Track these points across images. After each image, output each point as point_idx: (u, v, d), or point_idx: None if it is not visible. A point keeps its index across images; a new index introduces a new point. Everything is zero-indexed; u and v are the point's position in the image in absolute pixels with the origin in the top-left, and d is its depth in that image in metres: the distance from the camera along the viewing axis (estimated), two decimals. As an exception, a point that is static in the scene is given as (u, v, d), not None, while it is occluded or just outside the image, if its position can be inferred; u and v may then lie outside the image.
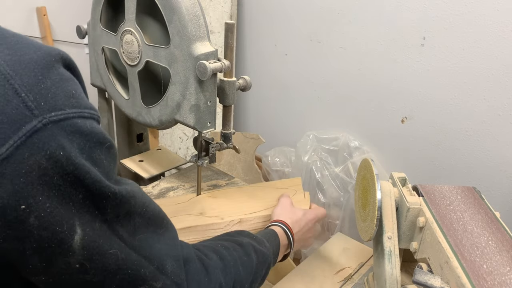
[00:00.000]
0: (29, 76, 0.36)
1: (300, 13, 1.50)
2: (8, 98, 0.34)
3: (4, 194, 0.34)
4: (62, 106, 0.37)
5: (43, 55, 0.38)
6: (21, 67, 0.36)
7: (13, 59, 0.36)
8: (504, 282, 0.59)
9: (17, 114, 0.34)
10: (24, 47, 0.37)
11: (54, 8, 1.79)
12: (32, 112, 0.35)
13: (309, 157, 1.47)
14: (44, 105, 0.36)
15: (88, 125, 0.39)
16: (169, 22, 0.81)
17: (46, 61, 0.38)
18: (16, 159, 0.34)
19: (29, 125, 0.35)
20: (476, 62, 1.12)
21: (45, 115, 0.36)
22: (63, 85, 0.38)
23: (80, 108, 0.39)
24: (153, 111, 0.92)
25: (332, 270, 0.94)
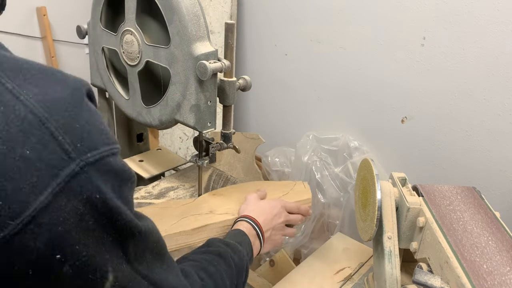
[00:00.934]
0: (64, 117, 0.33)
1: (300, 13, 1.50)
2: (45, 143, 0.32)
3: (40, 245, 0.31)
4: (96, 145, 0.35)
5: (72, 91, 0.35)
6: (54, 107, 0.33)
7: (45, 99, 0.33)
8: (504, 282, 0.59)
9: (55, 159, 0.32)
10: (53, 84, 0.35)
11: (54, 8, 1.79)
12: (69, 156, 0.33)
13: (309, 157, 1.47)
14: (80, 146, 0.34)
15: (118, 162, 0.38)
16: (169, 22, 0.81)
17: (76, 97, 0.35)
18: (55, 207, 0.32)
19: (67, 170, 0.33)
20: (476, 62, 1.12)
21: (82, 157, 0.34)
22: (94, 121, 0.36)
23: (110, 145, 0.37)
24: (153, 111, 0.92)
25: (332, 270, 0.94)
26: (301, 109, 1.63)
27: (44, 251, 0.32)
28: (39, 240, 0.31)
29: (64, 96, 0.34)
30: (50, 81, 0.35)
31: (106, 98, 1.11)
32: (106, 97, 1.11)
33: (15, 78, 0.33)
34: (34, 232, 0.31)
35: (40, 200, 0.31)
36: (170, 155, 1.21)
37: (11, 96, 0.32)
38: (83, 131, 0.34)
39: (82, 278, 0.35)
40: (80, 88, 0.36)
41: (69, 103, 0.34)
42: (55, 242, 0.32)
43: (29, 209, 0.31)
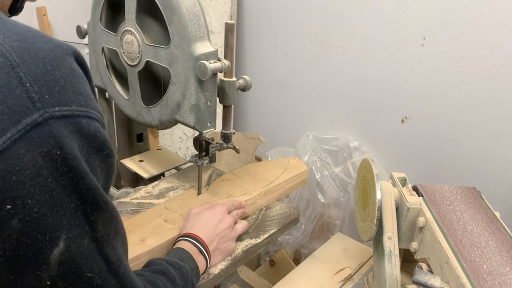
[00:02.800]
0: (37, 66, 0.33)
1: (300, 13, 1.50)
2: (11, 87, 0.31)
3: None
4: (68, 102, 0.34)
5: (54, 47, 0.35)
6: (30, 56, 0.33)
7: (21, 46, 0.33)
8: (504, 282, 0.59)
9: (19, 105, 0.32)
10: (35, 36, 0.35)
11: (54, 8, 1.79)
12: (34, 105, 0.32)
13: (309, 157, 1.47)
14: (48, 98, 0.33)
15: (92, 127, 0.36)
16: (169, 22, 0.81)
17: (57, 52, 0.35)
18: (12, 154, 0.31)
19: (29, 118, 0.32)
20: (476, 62, 1.12)
21: (47, 109, 0.33)
22: (73, 80, 0.35)
23: (88, 108, 0.36)
24: (153, 111, 0.92)
25: (332, 270, 0.94)
26: (301, 109, 1.63)
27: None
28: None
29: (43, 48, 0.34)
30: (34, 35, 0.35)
31: (106, 98, 1.11)
32: (106, 97, 1.11)
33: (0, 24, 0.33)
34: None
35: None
36: (170, 155, 1.21)
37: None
38: (56, 85, 0.34)
39: (29, 237, 0.33)
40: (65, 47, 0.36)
41: (47, 55, 0.34)
42: (7, 191, 0.31)
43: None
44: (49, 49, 0.35)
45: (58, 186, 0.34)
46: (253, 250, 0.85)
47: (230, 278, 1.35)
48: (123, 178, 1.19)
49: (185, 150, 1.85)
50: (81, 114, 0.35)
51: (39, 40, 0.35)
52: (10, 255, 0.33)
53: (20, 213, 0.32)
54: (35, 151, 0.32)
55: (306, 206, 1.50)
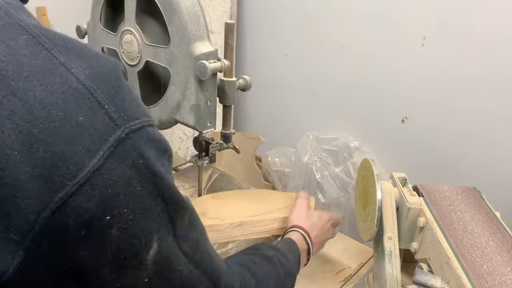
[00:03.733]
0: (108, 88, 0.37)
1: (300, 13, 1.50)
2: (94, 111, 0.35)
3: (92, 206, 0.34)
4: (137, 115, 0.38)
5: (113, 67, 0.39)
6: (101, 80, 0.37)
7: (91, 72, 0.36)
8: (504, 282, 0.59)
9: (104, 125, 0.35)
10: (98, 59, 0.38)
11: (54, 8, 1.79)
12: (115, 123, 0.36)
13: (309, 158, 1.47)
14: (123, 115, 0.37)
15: (157, 133, 0.40)
16: (169, 22, 0.81)
17: (117, 72, 0.39)
18: (106, 169, 0.34)
19: (114, 136, 0.35)
20: (476, 62, 1.11)
21: (126, 125, 0.36)
22: (132, 95, 0.39)
23: (148, 117, 0.40)
24: (153, 111, 0.92)
25: (332, 270, 0.94)
26: (301, 109, 1.63)
27: (95, 212, 0.34)
28: (92, 201, 0.34)
29: (107, 70, 0.38)
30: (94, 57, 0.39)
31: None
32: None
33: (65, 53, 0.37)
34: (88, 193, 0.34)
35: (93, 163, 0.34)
36: (170, 155, 1.20)
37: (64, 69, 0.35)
38: (125, 102, 0.38)
39: (127, 242, 0.37)
40: (119, 65, 0.40)
41: (112, 76, 0.38)
42: (106, 203, 0.35)
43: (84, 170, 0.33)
44: (111, 70, 0.38)
45: (146, 193, 0.37)
46: (253, 250, 0.84)
47: (230, 278, 1.35)
48: (123, 178, 1.19)
49: (185, 150, 1.85)
50: (147, 124, 0.39)
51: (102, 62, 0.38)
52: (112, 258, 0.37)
53: (118, 222, 0.36)
54: (123, 164, 0.36)
55: (306, 206, 1.49)
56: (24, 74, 0.34)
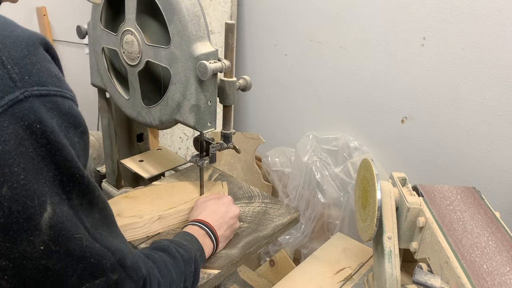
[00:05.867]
0: (16, 51, 0.37)
1: (300, 13, 1.51)
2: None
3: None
4: (45, 82, 0.39)
5: (30, 35, 0.39)
6: (9, 41, 0.37)
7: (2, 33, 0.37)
8: (504, 282, 0.59)
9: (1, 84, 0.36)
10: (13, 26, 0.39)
11: (54, 8, 1.79)
12: (15, 84, 0.36)
13: (309, 157, 1.47)
14: (28, 78, 0.37)
15: (67, 105, 0.41)
16: (170, 22, 0.81)
17: (32, 40, 0.39)
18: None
19: (11, 95, 0.36)
20: (476, 62, 1.12)
21: (27, 88, 0.37)
22: (47, 64, 0.40)
23: (62, 88, 0.40)
24: (153, 111, 0.92)
25: (332, 270, 0.94)
26: (301, 109, 1.63)
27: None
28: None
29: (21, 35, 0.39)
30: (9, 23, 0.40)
31: (106, 98, 1.11)
32: (106, 97, 1.11)
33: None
34: None
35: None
36: (170, 155, 1.21)
37: None
38: (33, 67, 0.38)
39: (19, 203, 0.36)
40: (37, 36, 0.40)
41: (24, 42, 0.39)
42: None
43: None
44: (26, 37, 0.39)
45: (38, 156, 0.37)
46: (253, 250, 0.85)
47: (230, 278, 1.36)
48: (123, 178, 1.19)
49: (185, 150, 1.85)
50: (57, 94, 0.40)
51: (17, 29, 0.39)
52: (4, 222, 0.36)
53: (9, 181, 0.36)
54: (17, 124, 0.36)
55: (306, 206, 1.50)
56: None
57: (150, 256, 0.60)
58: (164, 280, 0.58)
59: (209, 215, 0.80)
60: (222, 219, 0.80)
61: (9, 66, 0.36)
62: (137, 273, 0.50)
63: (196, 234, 0.74)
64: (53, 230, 0.39)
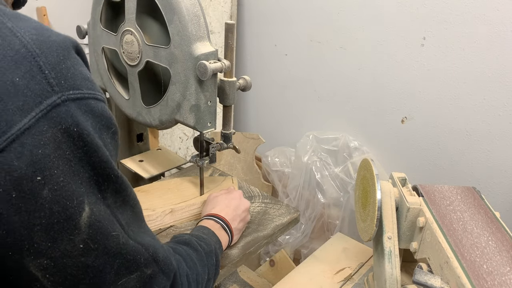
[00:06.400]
0: (53, 56, 0.38)
1: (300, 13, 1.51)
2: (33, 74, 0.37)
3: (22, 165, 0.35)
4: (79, 86, 0.40)
5: (63, 39, 0.40)
6: (46, 47, 0.38)
7: (39, 39, 0.38)
8: (504, 282, 0.59)
9: (40, 89, 0.37)
10: (48, 30, 0.40)
11: (54, 8, 1.79)
12: (53, 89, 0.37)
13: (309, 158, 1.47)
14: (64, 83, 0.38)
15: (100, 107, 0.42)
16: (170, 22, 0.81)
17: (66, 44, 0.40)
18: (37, 130, 0.36)
19: (49, 100, 0.37)
20: (476, 62, 1.12)
21: (64, 92, 0.38)
22: (80, 68, 0.41)
23: (94, 91, 0.42)
24: (153, 111, 0.92)
25: (332, 270, 0.94)
26: (301, 109, 1.63)
27: (26, 171, 0.36)
28: (22, 160, 0.35)
29: (56, 40, 0.40)
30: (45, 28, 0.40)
31: (106, 98, 1.11)
32: (106, 97, 1.11)
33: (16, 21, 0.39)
34: (18, 151, 0.35)
35: (24, 122, 0.35)
36: (170, 155, 1.21)
37: (10, 32, 0.37)
38: (68, 72, 0.39)
39: (59, 204, 0.38)
40: (70, 40, 0.42)
41: (59, 47, 0.40)
42: (36, 163, 0.36)
43: (14, 128, 0.35)
44: (61, 41, 0.40)
45: (75, 158, 0.39)
46: (253, 250, 0.85)
47: (230, 278, 1.36)
48: (123, 178, 1.19)
49: (185, 150, 1.85)
50: (91, 96, 0.41)
51: (52, 33, 0.40)
52: (46, 223, 0.37)
53: (49, 183, 0.37)
54: (55, 128, 0.37)
55: (306, 206, 1.50)
56: None
57: (176, 250, 0.62)
58: (192, 272, 0.60)
59: (223, 209, 0.82)
60: (235, 212, 0.83)
61: (47, 71, 0.37)
62: (169, 267, 0.52)
63: (213, 228, 0.77)
64: (92, 228, 0.41)
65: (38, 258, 0.39)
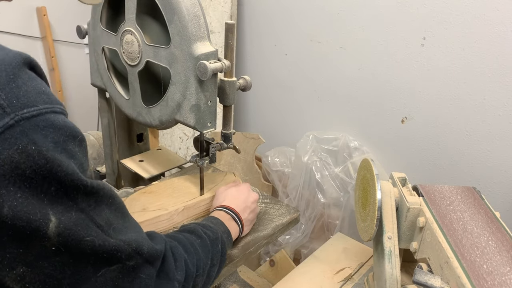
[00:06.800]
0: (2, 76, 0.38)
1: (300, 13, 1.51)
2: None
3: None
4: (34, 102, 0.39)
5: (13, 57, 0.40)
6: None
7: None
8: (504, 282, 0.59)
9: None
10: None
11: (54, 8, 1.79)
12: (4, 110, 0.37)
13: (309, 157, 1.47)
14: (16, 102, 0.38)
15: (61, 119, 0.42)
16: (170, 22, 0.81)
17: (16, 62, 0.40)
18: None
19: (1, 122, 0.37)
20: (476, 62, 1.12)
21: (17, 112, 0.38)
22: (33, 83, 0.40)
23: (52, 104, 0.41)
24: (153, 111, 0.92)
25: (332, 270, 0.94)
26: (301, 109, 1.63)
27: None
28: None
29: (4, 59, 0.39)
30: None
31: (106, 98, 1.11)
32: (106, 97, 1.11)
33: None
34: None
35: None
36: (170, 155, 1.21)
37: None
38: (20, 90, 0.39)
39: (23, 219, 0.38)
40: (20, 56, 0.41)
41: (8, 66, 0.39)
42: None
43: None
44: (10, 59, 0.39)
45: (37, 175, 0.39)
46: (253, 250, 0.85)
47: (230, 278, 1.36)
48: (123, 178, 1.19)
49: (185, 150, 1.85)
50: (48, 111, 0.40)
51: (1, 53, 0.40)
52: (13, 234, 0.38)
53: (7, 201, 0.37)
54: (10, 149, 0.37)
55: (306, 206, 1.50)
56: None
57: (175, 237, 0.64)
58: (191, 257, 0.61)
59: (233, 201, 0.84)
60: (245, 204, 0.84)
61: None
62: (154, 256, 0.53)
63: (223, 218, 0.79)
64: (61, 236, 0.41)
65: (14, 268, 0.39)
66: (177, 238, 0.64)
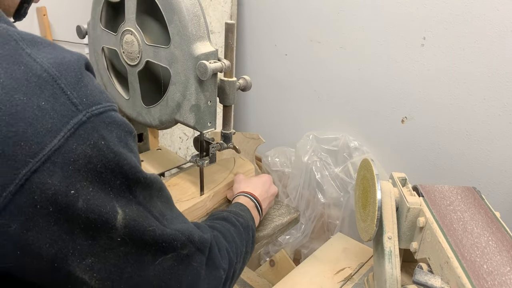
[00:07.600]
0: (71, 76, 0.41)
1: (300, 13, 1.51)
2: (57, 97, 0.39)
3: (56, 181, 0.38)
4: (99, 100, 0.42)
5: (77, 58, 0.43)
6: (64, 68, 0.41)
7: (56, 61, 0.41)
8: (504, 282, 0.59)
9: (65, 110, 0.39)
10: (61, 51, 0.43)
11: (54, 8, 1.79)
12: (77, 108, 0.40)
13: (309, 157, 1.47)
14: (86, 100, 0.41)
15: (119, 116, 0.45)
16: (170, 22, 0.81)
17: (80, 62, 0.43)
18: (66, 149, 0.38)
19: (75, 119, 0.40)
20: (476, 62, 1.12)
21: (88, 109, 0.41)
22: (94, 83, 0.44)
23: (111, 102, 0.44)
24: (153, 111, 0.92)
25: (332, 270, 0.94)
26: (301, 109, 1.63)
27: (59, 187, 0.38)
28: (55, 177, 0.38)
29: (71, 60, 0.42)
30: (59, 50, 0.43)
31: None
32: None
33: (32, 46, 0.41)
34: (50, 170, 0.38)
35: (54, 143, 0.38)
36: (170, 155, 1.21)
37: (30, 59, 0.40)
38: (87, 89, 0.42)
39: (95, 212, 0.41)
40: (82, 58, 0.44)
41: (75, 66, 0.42)
42: (68, 179, 0.39)
43: (45, 149, 0.37)
44: (75, 60, 0.43)
45: (107, 170, 0.42)
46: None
47: (230, 278, 1.35)
48: (123, 178, 1.19)
49: (185, 150, 1.85)
50: (110, 109, 0.44)
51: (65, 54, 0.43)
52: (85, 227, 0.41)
53: (82, 195, 0.40)
54: (84, 144, 0.40)
55: (306, 206, 1.50)
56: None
57: (214, 226, 0.67)
58: (231, 246, 0.65)
59: (256, 189, 0.86)
60: (266, 194, 0.87)
61: (69, 92, 0.40)
62: (204, 244, 0.56)
63: (248, 205, 0.81)
64: (128, 228, 0.44)
65: (83, 259, 0.42)
66: (216, 227, 0.67)
